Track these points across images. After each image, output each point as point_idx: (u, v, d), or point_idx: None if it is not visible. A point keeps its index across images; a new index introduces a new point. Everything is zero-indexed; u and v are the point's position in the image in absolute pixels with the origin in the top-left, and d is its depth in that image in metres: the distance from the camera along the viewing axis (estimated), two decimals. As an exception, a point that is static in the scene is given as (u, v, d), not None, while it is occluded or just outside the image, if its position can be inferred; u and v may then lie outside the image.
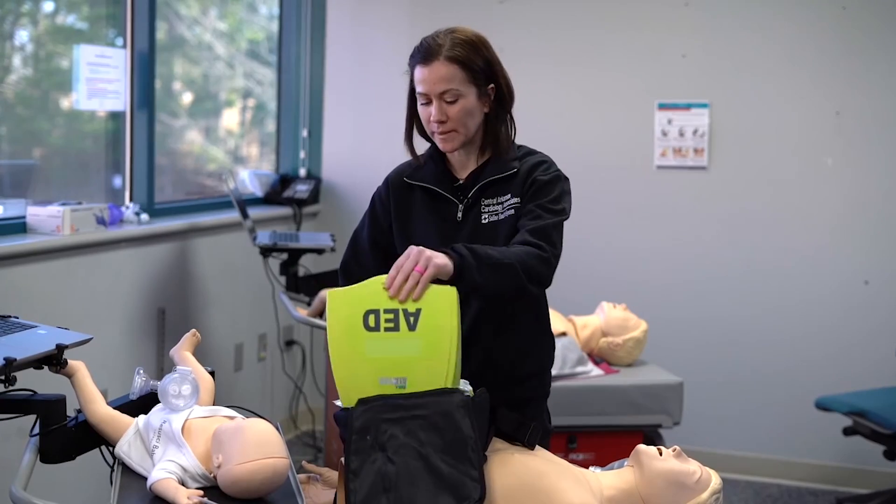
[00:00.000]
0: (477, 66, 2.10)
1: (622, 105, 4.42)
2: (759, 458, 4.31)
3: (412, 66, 2.16)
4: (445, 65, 2.08)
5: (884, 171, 4.14)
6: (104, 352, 3.30)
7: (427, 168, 2.22)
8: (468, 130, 2.12)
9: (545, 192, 2.13)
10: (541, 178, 2.14)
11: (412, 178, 2.21)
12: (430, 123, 2.12)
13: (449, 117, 2.09)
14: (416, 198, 2.20)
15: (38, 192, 3.53)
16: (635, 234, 4.41)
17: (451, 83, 2.08)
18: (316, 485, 1.99)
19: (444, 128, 2.10)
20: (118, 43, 3.74)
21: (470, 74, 2.09)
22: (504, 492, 1.80)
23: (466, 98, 2.09)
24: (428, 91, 2.10)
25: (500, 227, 2.12)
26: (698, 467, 1.86)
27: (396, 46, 4.68)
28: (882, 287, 4.15)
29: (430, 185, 2.18)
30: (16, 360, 1.70)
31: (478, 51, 2.11)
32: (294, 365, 4.72)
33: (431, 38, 2.13)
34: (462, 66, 2.08)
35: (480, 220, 2.13)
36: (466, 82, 2.09)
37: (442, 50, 2.08)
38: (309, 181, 4.73)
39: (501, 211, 2.13)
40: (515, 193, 2.13)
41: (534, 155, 2.22)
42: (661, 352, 3.97)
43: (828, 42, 4.16)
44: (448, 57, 2.08)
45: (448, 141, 2.12)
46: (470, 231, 2.13)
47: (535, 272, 1.98)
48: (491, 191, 2.14)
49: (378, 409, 1.80)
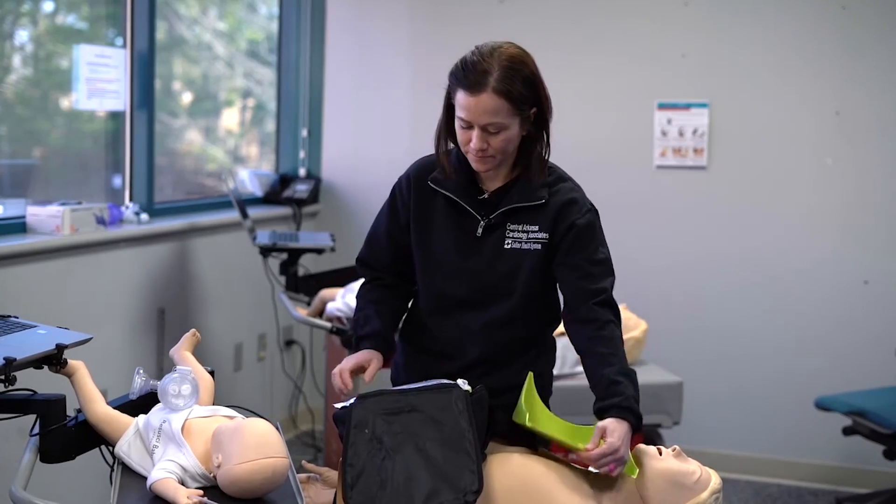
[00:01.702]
0: (524, 96, 2.02)
1: (622, 105, 4.42)
2: (759, 457, 4.31)
3: (454, 86, 2.05)
4: (493, 98, 1.98)
5: (884, 171, 4.14)
6: (104, 352, 3.30)
7: (448, 179, 2.14)
8: (506, 155, 2.07)
9: (587, 241, 2.09)
10: (579, 223, 2.08)
11: (437, 183, 2.14)
12: (469, 146, 2.03)
13: (490, 146, 2.02)
14: (438, 203, 2.14)
15: (38, 191, 3.53)
16: (635, 234, 4.41)
17: (496, 116, 1.99)
18: (316, 484, 1.99)
19: (482, 153, 2.03)
20: (118, 43, 3.74)
21: (516, 106, 2.01)
22: (503, 492, 1.80)
23: (510, 129, 2.02)
24: (472, 120, 2.00)
25: (523, 256, 2.08)
26: (698, 467, 1.87)
27: (396, 46, 4.68)
28: (882, 287, 4.15)
29: (455, 195, 2.12)
30: (16, 360, 1.70)
31: (525, 79, 2.03)
32: (294, 365, 4.72)
33: (479, 60, 2.02)
34: (510, 99, 1.99)
35: (503, 244, 2.09)
36: (511, 114, 2.01)
37: (490, 80, 1.98)
38: (309, 181, 4.73)
39: (525, 240, 2.08)
40: (544, 228, 2.08)
41: (564, 183, 2.14)
42: (660, 352, 3.97)
43: (828, 42, 4.16)
44: (496, 90, 1.98)
45: (483, 163, 2.06)
46: (491, 252, 2.09)
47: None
48: (518, 217, 2.09)
49: (376, 404, 1.81)
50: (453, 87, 2.05)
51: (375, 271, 2.26)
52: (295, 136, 4.90)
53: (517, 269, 2.08)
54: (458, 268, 2.11)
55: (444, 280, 2.13)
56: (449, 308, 2.12)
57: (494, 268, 2.09)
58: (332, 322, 3.45)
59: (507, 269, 2.08)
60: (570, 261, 2.07)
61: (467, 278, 2.10)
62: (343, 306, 3.37)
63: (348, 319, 3.36)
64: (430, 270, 2.15)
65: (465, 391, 1.84)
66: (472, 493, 1.70)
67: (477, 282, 2.10)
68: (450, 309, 2.12)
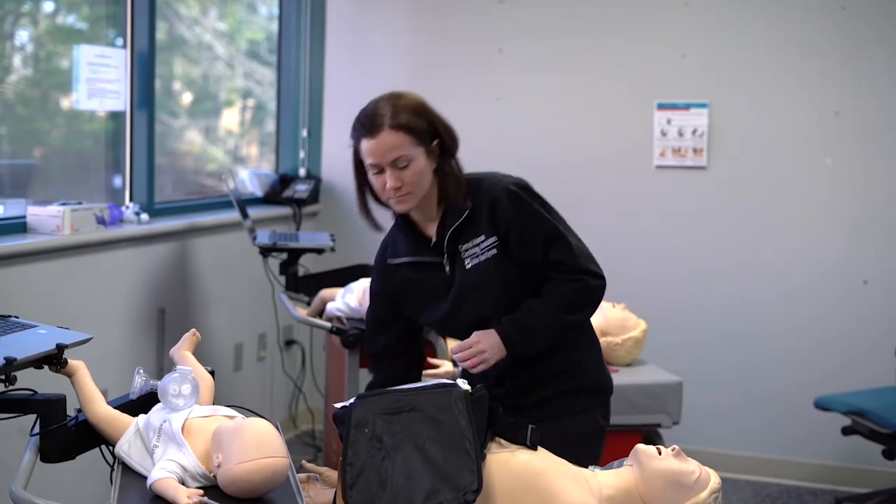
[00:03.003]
0: (421, 127, 2.16)
1: (621, 105, 4.42)
2: (758, 457, 4.31)
3: (357, 139, 2.20)
4: (391, 133, 2.13)
5: (883, 171, 4.15)
6: (104, 351, 3.30)
7: (399, 241, 2.31)
8: (421, 190, 2.20)
9: (529, 226, 2.21)
10: (510, 215, 2.21)
11: (394, 257, 2.31)
12: (386, 191, 2.18)
13: (404, 182, 2.16)
14: (405, 273, 2.30)
15: (38, 191, 3.53)
16: (634, 234, 4.42)
17: (400, 150, 2.13)
18: (316, 484, 1.99)
19: (400, 192, 2.17)
20: (118, 43, 3.74)
21: (416, 137, 2.15)
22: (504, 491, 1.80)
23: (416, 161, 2.16)
24: (379, 161, 2.15)
25: (484, 268, 2.22)
26: (697, 467, 1.87)
27: (396, 46, 4.69)
28: (881, 287, 4.15)
29: (411, 257, 2.28)
30: (16, 360, 1.70)
31: (419, 113, 2.18)
32: (294, 365, 4.72)
33: (372, 109, 2.19)
34: (407, 131, 2.14)
35: (464, 267, 2.23)
36: (413, 145, 2.15)
37: (385, 119, 2.14)
38: (308, 181, 4.73)
39: (480, 253, 2.22)
40: (489, 234, 2.21)
41: (483, 185, 2.26)
42: (660, 351, 3.97)
43: (827, 42, 4.16)
44: (392, 125, 2.13)
45: (403, 202, 2.19)
46: (460, 280, 2.23)
47: (578, 305, 2.23)
48: (462, 237, 2.23)
49: (376, 403, 1.81)
50: (357, 143, 2.20)
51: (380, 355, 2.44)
52: (295, 136, 4.90)
53: (490, 279, 2.21)
54: (448, 310, 2.26)
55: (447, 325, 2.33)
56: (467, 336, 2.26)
57: (472, 292, 2.22)
58: (332, 322, 3.45)
59: (483, 285, 2.22)
60: (526, 254, 2.21)
61: (461, 313, 2.25)
62: (343, 306, 3.38)
63: (348, 319, 3.37)
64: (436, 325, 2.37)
65: (465, 391, 1.84)
66: (472, 492, 1.70)
67: (469, 309, 2.24)
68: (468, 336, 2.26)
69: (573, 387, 2.31)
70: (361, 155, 2.20)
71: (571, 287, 2.22)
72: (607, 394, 2.40)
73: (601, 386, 2.38)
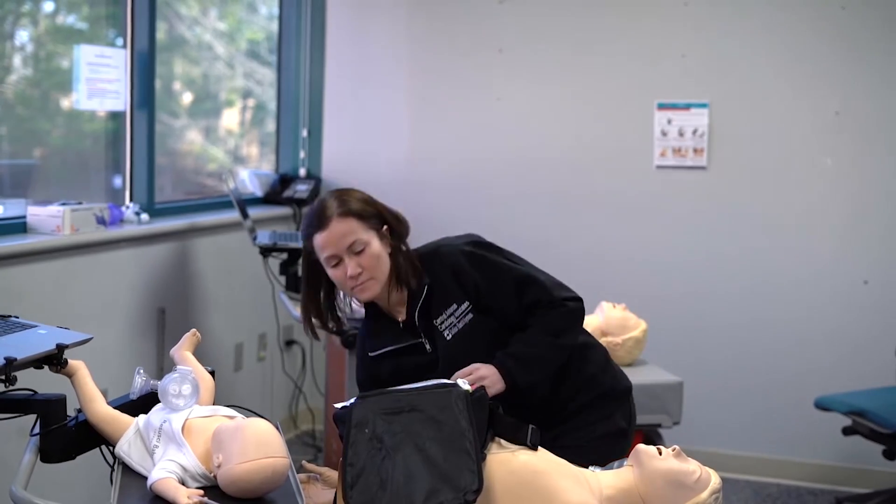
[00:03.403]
0: (369, 213, 2.24)
1: (622, 105, 4.42)
2: (759, 457, 4.31)
3: (309, 238, 2.24)
4: (341, 221, 2.20)
5: (883, 171, 4.14)
6: (104, 352, 3.30)
7: (374, 332, 2.34)
8: (382, 274, 2.24)
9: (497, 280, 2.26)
10: (474, 277, 2.25)
11: (372, 350, 2.33)
12: (347, 281, 2.21)
13: (364, 268, 2.20)
14: (389, 361, 2.32)
15: (38, 191, 3.53)
16: (635, 234, 4.42)
17: (353, 234, 2.20)
18: (316, 484, 1.99)
19: (361, 279, 2.20)
20: (118, 43, 3.74)
21: (366, 222, 2.22)
22: (504, 491, 1.80)
23: (371, 245, 2.22)
24: (336, 251, 2.20)
25: (466, 333, 2.26)
26: (698, 467, 1.87)
27: (396, 47, 4.69)
28: (882, 287, 4.15)
29: (389, 346, 2.31)
30: (16, 360, 1.70)
31: (365, 201, 2.26)
32: (294, 365, 4.72)
33: (318, 205, 2.24)
34: (356, 216, 2.21)
35: (445, 339, 2.26)
36: (365, 230, 2.22)
37: (333, 210, 2.21)
38: (309, 181, 4.73)
39: (457, 321, 2.26)
40: (460, 300, 2.26)
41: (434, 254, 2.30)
42: (660, 352, 3.97)
43: (827, 42, 4.16)
44: (341, 213, 2.20)
45: (366, 290, 2.23)
46: (445, 353, 2.26)
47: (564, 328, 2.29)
48: (433, 311, 2.26)
49: (376, 403, 1.81)
50: (309, 242, 2.24)
51: None
52: (295, 136, 4.90)
53: (476, 342, 2.25)
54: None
55: None
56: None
57: (461, 359, 2.24)
58: (332, 322, 3.45)
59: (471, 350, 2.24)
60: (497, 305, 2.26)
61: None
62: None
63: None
64: None
65: (465, 391, 1.84)
66: (472, 492, 1.71)
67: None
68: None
69: (592, 398, 2.36)
70: (317, 253, 2.23)
71: (554, 313, 2.27)
72: (626, 395, 2.44)
73: (617, 391, 2.42)
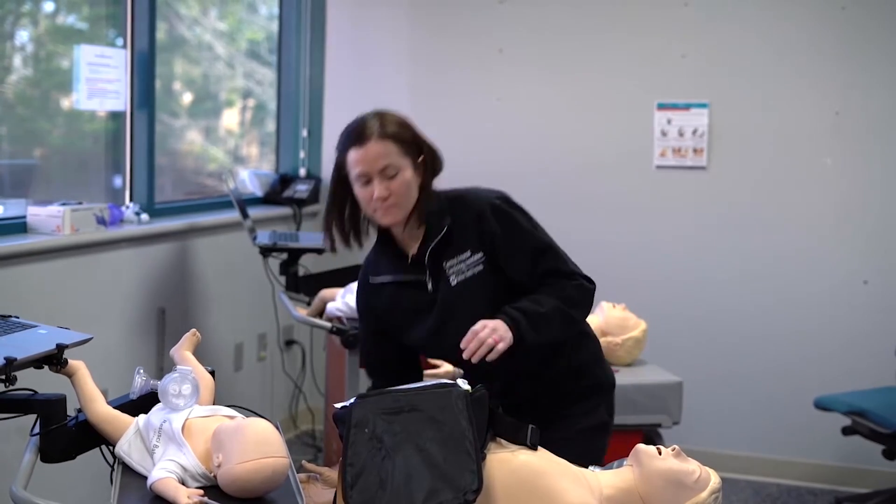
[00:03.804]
0: (407, 139, 2.20)
1: (621, 105, 4.42)
2: (759, 457, 4.31)
3: (343, 151, 2.22)
4: (380, 142, 2.16)
5: (883, 171, 4.15)
6: (104, 351, 3.30)
7: (380, 259, 2.31)
8: (409, 202, 2.21)
9: (513, 239, 2.22)
10: (494, 230, 2.22)
11: (375, 276, 2.32)
12: (373, 202, 2.18)
13: (391, 192, 2.17)
14: (389, 292, 2.30)
15: (39, 192, 3.53)
16: (634, 234, 4.42)
17: (388, 158, 2.16)
18: (316, 484, 1.99)
19: (387, 203, 2.18)
20: (118, 43, 3.74)
21: (403, 148, 2.19)
22: (504, 491, 1.80)
23: (404, 171, 2.18)
24: (368, 170, 2.17)
25: (472, 283, 2.22)
26: (697, 466, 1.87)
27: (396, 46, 4.69)
28: (881, 287, 4.15)
29: (393, 275, 2.29)
30: (16, 360, 1.70)
31: (405, 127, 2.22)
32: (294, 365, 4.72)
33: (359, 121, 2.22)
34: (395, 140, 2.18)
35: (450, 284, 2.23)
36: (401, 155, 2.18)
37: (374, 129, 2.18)
38: (309, 181, 4.73)
39: (466, 269, 2.22)
40: (474, 249, 2.22)
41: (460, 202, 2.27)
42: (660, 351, 3.97)
43: (827, 42, 4.16)
44: (381, 135, 2.17)
45: (389, 214, 2.20)
46: (444, 297, 2.23)
47: (575, 301, 2.21)
48: (445, 253, 2.23)
49: (376, 403, 1.81)
50: (343, 155, 2.21)
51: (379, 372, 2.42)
52: (295, 136, 4.90)
53: (477, 295, 2.21)
54: (434, 328, 2.25)
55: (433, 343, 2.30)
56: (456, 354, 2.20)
57: (459, 308, 2.21)
58: (333, 322, 3.45)
59: (470, 301, 2.21)
60: (514, 267, 2.22)
61: (446, 331, 2.23)
62: (343, 306, 3.37)
63: (348, 319, 3.37)
64: (421, 344, 2.34)
65: (465, 391, 1.84)
66: (472, 492, 1.70)
67: (454, 326, 2.20)
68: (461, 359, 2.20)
69: (582, 387, 2.35)
70: (347, 167, 2.21)
71: (571, 283, 2.23)
72: (611, 390, 2.44)
73: (606, 383, 2.42)
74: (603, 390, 2.41)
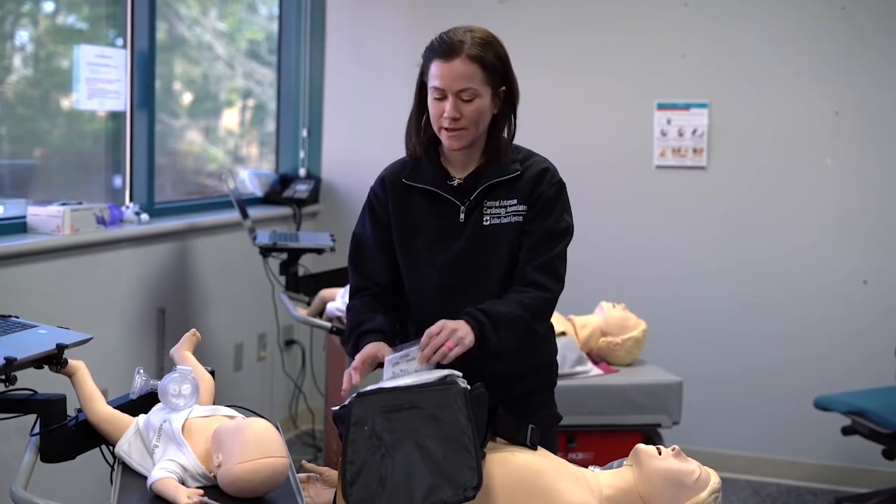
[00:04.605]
0: (495, 66, 2.11)
1: (621, 105, 4.42)
2: (758, 457, 4.32)
3: (429, 59, 2.12)
4: (466, 63, 2.07)
5: (882, 171, 4.15)
6: (104, 351, 3.30)
7: (424, 168, 2.20)
8: (478, 130, 2.13)
9: (550, 210, 2.17)
10: (547, 193, 2.17)
11: (410, 179, 2.19)
12: (442, 119, 2.10)
13: (463, 115, 2.09)
14: (415, 199, 2.19)
15: (38, 191, 3.53)
16: (634, 234, 4.42)
17: (470, 82, 2.07)
18: (316, 484, 1.99)
19: (456, 125, 2.09)
20: (118, 43, 3.74)
21: (488, 75, 2.09)
22: (504, 491, 1.80)
23: (482, 98, 2.10)
24: (446, 87, 2.08)
25: (502, 231, 2.14)
26: (697, 466, 1.87)
27: (396, 46, 4.69)
28: (881, 286, 4.15)
29: (431, 187, 2.17)
30: (16, 360, 1.70)
31: (496, 51, 2.12)
32: (294, 365, 4.72)
33: (451, 34, 2.12)
34: (482, 65, 2.08)
35: (482, 222, 2.14)
36: (484, 82, 2.09)
37: (464, 47, 2.07)
38: (309, 181, 4.73)
39: (504, 215, 2.15)
40: (522, 200, 2.15)
41: (535, 158, 2.23)
42: (660, 351, 3.97)
43: (827, 42, 4.16)
44: (469, 55, 2.07)
45: (457, 139, 2.12)
46: (472, 233, 2.14)
47: (540, 314, 2.14)
48: (494, 193, 2.15)
49: (375, 401, 1.81)
50: (427, 62, 2.13)
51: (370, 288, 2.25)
52: (295, 136, 4.90)
53: (497, 246, 2.14)
54: (445, 258, 2.16)
55: (432, 272, 2.17)
56: (441, 299, 2.15)
57: (475, 248, 2.14)
58: (332, 322, 3.45)
59: (487, 248, 2.14)
60: (532, 227, 2.15)
61: (456, 266, 2.15)
62: (343, 306, 3.38)
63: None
64: (418, 267, 2.20)
65: (465, 388, 1.84)
66: (472, 489, 1.71)
67: (461, 266, 2.15)
68: (442, 300, 2.15)
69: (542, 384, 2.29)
70: (427, 76, 2.12)
71: (539, 296, 2.12)
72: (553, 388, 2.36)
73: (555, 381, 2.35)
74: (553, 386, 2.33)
